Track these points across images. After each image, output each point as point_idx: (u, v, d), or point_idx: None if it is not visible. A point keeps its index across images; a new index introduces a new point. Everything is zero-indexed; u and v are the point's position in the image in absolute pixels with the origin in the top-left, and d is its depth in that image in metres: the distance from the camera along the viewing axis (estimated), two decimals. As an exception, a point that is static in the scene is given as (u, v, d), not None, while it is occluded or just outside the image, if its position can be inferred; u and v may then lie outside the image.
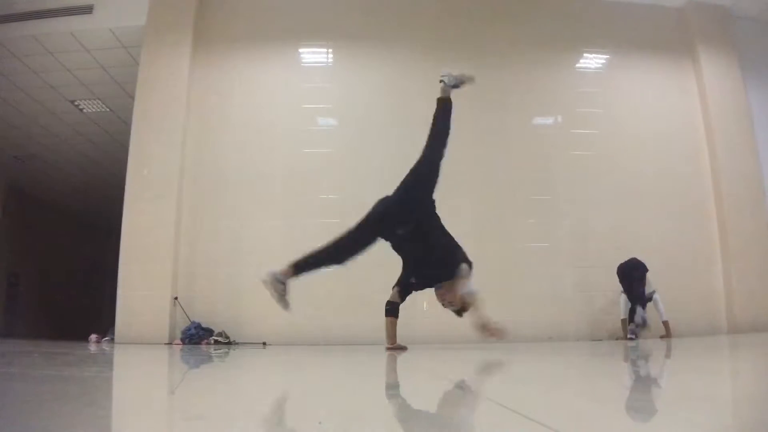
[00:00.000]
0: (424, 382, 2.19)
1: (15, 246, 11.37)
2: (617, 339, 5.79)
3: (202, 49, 6.50)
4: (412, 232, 3.89)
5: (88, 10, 6.51)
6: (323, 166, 6.33)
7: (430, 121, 6.55)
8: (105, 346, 5.36)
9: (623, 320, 5.80)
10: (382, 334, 5.79)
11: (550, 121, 6.87)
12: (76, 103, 8.16)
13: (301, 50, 6.75)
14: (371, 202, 6.32)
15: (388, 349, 4.01)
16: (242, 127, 6.38)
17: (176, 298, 5.71)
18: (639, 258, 5.82)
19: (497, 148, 6.55)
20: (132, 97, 6.54)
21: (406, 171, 6.41)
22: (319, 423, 1.15)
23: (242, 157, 6.32)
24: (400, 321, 6.03)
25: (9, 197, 11.30)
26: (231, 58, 6.57)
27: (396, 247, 4.06)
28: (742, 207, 6.45)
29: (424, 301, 6.13)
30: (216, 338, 5.46)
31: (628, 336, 5.74)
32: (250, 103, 6.47)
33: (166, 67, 6.32)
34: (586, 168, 6.55)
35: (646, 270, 5.75)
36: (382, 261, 6.20)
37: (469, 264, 3.85)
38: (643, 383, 2.02)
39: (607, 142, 6.67)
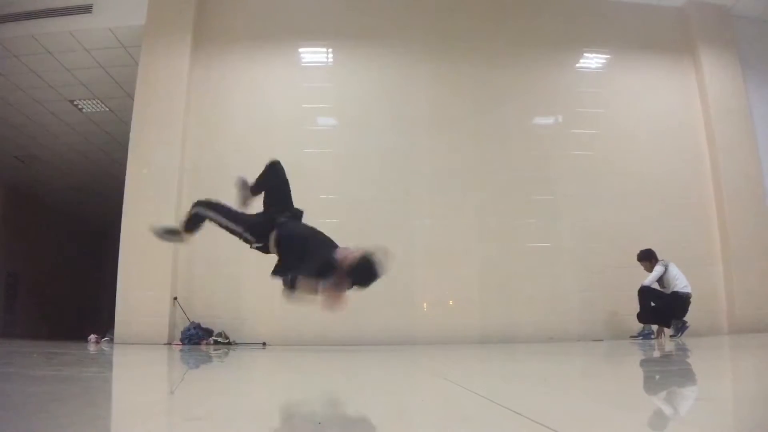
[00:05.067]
0: (423, 382, 2.18)
1: (14, 246, 11.36)
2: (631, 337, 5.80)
3: (202, 49, 6.49)
4: None
5: (87, 9, 6.49)
6: (323, 166, 6.32)
7: (429, 119, 6.58)
8: (104, 346, 5.36)
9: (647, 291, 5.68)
10: (382, 334, 5.79)
11: (550, 120, 6.87)
12: (75, 103, 8.15)
13: (301, 50, 6.74)
14: (371, 202, 6.35)
15: None
16: (242, 127, 6.37)
17: (176, 299, 5.70)
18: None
19: (497, 148, 6.53)
20: (131, 97, 6.52)
21: (406, 170, 6.43)
22: (319, 423, 1.14)
23: (242, 156, 6.29)
24: (401, 321, 6.04)
25: (8, 197, 11.30)
26: (231, 57, 6.55)
27: None
28: (743, 206, 6.44)
29: (424, 303, 6.13)
30: (216, 338, 5.45)
31: (638, 336, 5.74)
32: (249, 103, 6.46)
33: (166, 66, 6.30)
34: (587, 168, 6.54)
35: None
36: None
37: None
38: (645, 384, 2.02)
39: (608, 142, 6.65)
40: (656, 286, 5.71)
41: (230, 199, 3.82)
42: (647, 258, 5.80)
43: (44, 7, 6.43)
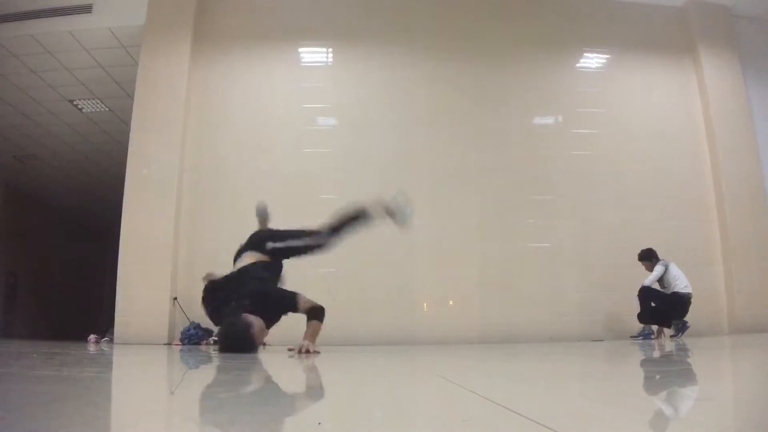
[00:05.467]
0: (423, 382, 2.18)
1: (14, 246, 11.35)
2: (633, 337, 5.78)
3: (202, 49, 6.49)
4: None
5: (87, 9, 6.51)
6: (323, 166, 6.32)
7: (429, 119, 6.57)
8: (104, 346, 5.35)
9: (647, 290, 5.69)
10: (382, 334, 5.79)
11: (550, 120, 6.88)
12: (75, 103, 8.15)
13: (300, 50, 6.74)
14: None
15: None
16: (242, 127, 6.37)
17: (176, 299, 5.70)
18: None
19: (498, 148, 6.54)
20: (131, 97, 6.53)
21: (406, 170, 6.43)
22: (319, 423, 1.14)
23: (242, 156, 6.32)
24: (401, 321, 6.04)
25: (8, 197, 11.29)
26: (230, 57, 6.56)
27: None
28: (743, 207, 6.44)
29: (424, 303, 6.13)
30: (216, 338, 5.44)
31: (638, 336, 5.73)
32: (249, 103, 6.46)
33: (166, 66, 6.31)
34: (587, 168, 6.55)
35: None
36: (381, 262, 6.21)
37: None
38: (646, 384, 2.01)
39: (608, 142, 6.66)
40: (656, 286, 5.70)
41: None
42: (648, 258, 5.79)
43: (44, 7, 6.43)
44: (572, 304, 6.16)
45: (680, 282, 5.63)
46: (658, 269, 5.67)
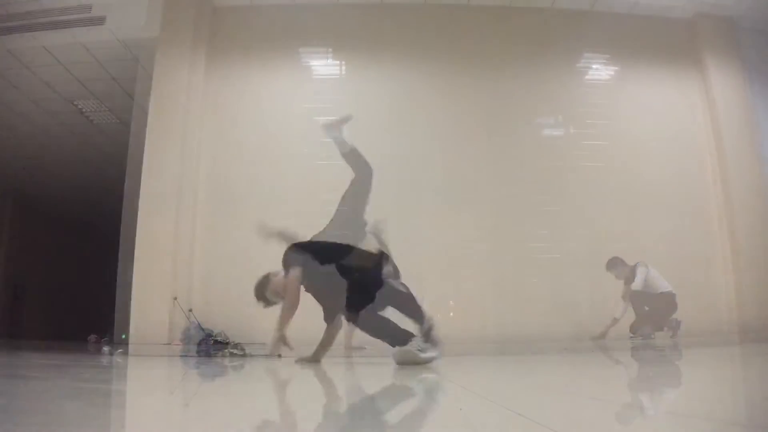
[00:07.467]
0: (427, 383, 2.17)
1: (21, 254, 11.45)
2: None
3: (215, 61, 6.54)
4: None
5: (99, 21, 6.54)
6: (337, 179, 6.30)
7: (441, 131, 6.59)
8: (104, 346, 5.38)
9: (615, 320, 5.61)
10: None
11: (560, 132, 6.92)
12: (86, 114, 8.22)
13: (313, 63, 6.83)
14: (383, 214, 6.28)
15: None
16: (254, 138, 6.42)
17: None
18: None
19: (507, 159, 6.57)
20: (143, 108, 6.54)
21: (418, 181, 6.41)
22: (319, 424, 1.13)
23: (254, 167, 6.34)
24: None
25: (16, 206, 11.40)
26: (244, 70, 6.60)
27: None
28: (750, 218, 6.40)
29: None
30: (231, 351, 5.25)
31: (637, 336, 5.66)
32: (262, 115, 6.52)
33: (180, 79, 6.27)
34: (597, 178, 6.55)
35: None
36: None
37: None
38: (650, 386, 1.99)
39: (615, 153, 6.67)
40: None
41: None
42: (617, 265, 5.69)
43: (57, 19, 6.51)
44: (582, 313, 6.09)
45: (662, 282, 5.57)
46: (642, 270, 5.56)
